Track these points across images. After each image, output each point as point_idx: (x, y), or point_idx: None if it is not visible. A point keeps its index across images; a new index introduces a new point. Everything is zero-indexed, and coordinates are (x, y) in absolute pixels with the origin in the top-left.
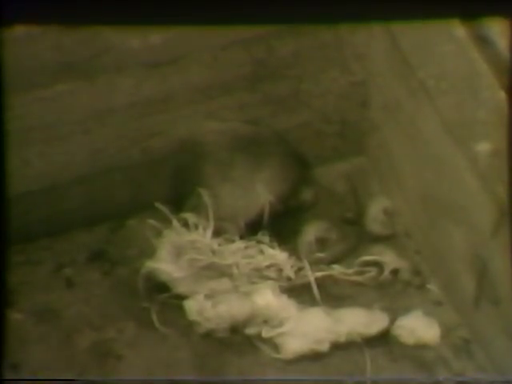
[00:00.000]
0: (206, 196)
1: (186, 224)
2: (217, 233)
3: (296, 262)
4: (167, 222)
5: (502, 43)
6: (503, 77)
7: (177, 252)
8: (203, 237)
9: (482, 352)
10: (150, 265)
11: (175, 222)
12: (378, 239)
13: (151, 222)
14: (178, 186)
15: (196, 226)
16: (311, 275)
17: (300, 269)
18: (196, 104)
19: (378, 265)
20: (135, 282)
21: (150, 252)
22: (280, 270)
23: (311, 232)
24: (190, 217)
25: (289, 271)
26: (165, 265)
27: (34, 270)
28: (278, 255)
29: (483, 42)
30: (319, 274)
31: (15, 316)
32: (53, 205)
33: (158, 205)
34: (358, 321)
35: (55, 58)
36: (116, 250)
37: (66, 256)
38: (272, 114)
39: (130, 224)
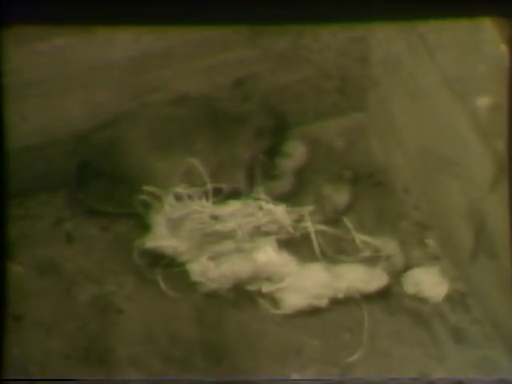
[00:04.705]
0: (197, 164)
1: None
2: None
3: (296, 215)
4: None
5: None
6: (504, 31)
7: (176, 224)
8: (200, 205)
9: (478, 305)
10: (151, 243)
11: (169, 196)
12: None
13: (144, 198)
14: None
15: (190, 197)
16: (311, 227)
17: (299, 221)
18: (195, 59)
19: None
20: (134, 237)
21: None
22: (280, 225)
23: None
24: (183, 189)
25: (288, 224)
26: (166, 241)
27: (34, 224)
28: (276, 209)
29: None
30: (319, 227)
31: (16, 268)
32: (51, 159)
33: (147, 187)
34: (358, 277)
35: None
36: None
37: (65, 211)
38: (271, 70)
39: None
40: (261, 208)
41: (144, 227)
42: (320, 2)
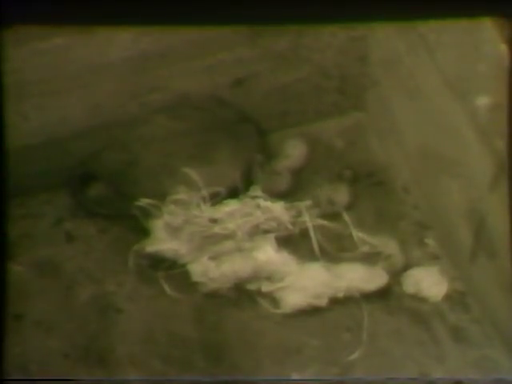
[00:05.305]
0: (192, 174)
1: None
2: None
3: (294, 211)
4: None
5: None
6: (504, 31)
7: (176, 229)
8: (199, 210)
9: (477, 305)
10: (151, 248)
11: (168, 205)
12: None
13: (142, 204)
14: None
15: (189, 203)
16: (309, 222)
17: (298, 217)
18: (195, 59)
19: None
20: (134, 237)
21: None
22: (279, 221)
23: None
24: (181, 194)
25: (287, 221)
26: (166, 244)
27: (35, 224)
28: (274, 206)
29: None
30: (317, 222)
31: (16, 268)
32: (52, 159)
33: (145, 200)
34: (358, 276)
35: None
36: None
37: (65, 210)
38: (271, 70)
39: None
40: (259, 206)
41: (143, 228)
42: (320, 1)
